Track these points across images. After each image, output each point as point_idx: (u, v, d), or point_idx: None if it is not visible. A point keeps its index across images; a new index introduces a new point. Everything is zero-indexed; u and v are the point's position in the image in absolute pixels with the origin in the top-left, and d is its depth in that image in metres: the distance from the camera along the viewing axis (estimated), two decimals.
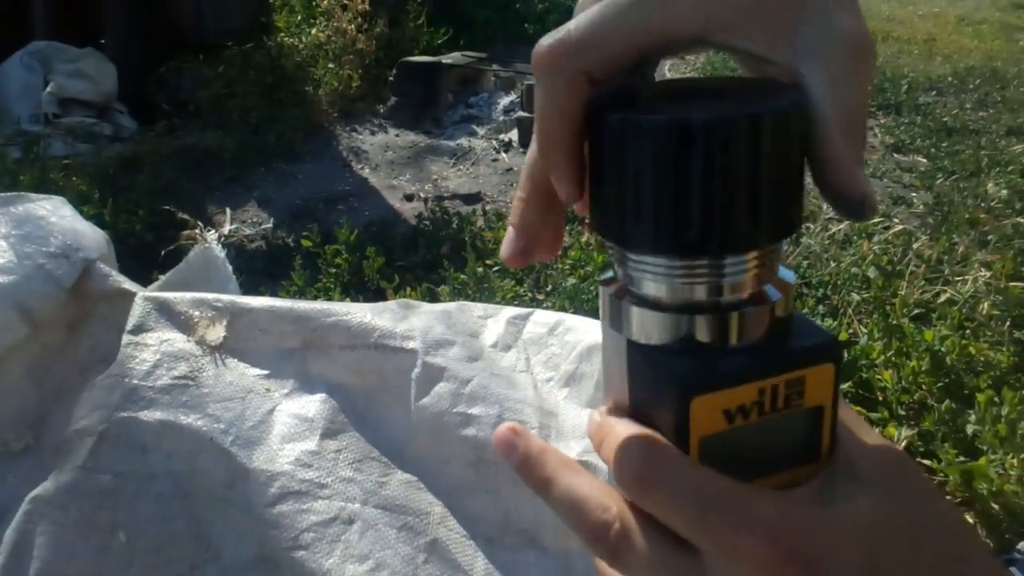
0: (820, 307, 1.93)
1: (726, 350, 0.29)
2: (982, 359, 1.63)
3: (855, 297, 1.92)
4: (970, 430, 1.43)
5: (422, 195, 2.96)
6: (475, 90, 3.94)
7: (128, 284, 0.87)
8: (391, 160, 3.33)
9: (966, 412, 1.46)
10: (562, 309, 1.71)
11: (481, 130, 3.62)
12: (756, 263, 0.28)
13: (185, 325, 0.84)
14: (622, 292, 0.31)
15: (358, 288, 2.08)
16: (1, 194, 0.90)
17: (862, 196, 0.28)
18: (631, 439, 0.30)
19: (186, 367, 0.81)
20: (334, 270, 2.13)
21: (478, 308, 0.93)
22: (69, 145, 2.97)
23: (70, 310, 0.86)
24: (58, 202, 0.92)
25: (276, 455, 0.78)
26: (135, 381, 0.79)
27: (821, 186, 0.29)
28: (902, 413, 1.56)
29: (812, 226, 2.31)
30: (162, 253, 1.42)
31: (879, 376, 1.61)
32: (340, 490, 0.77)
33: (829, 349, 0.29)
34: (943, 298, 1.89)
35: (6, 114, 3.05)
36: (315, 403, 0.81)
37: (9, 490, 0.78)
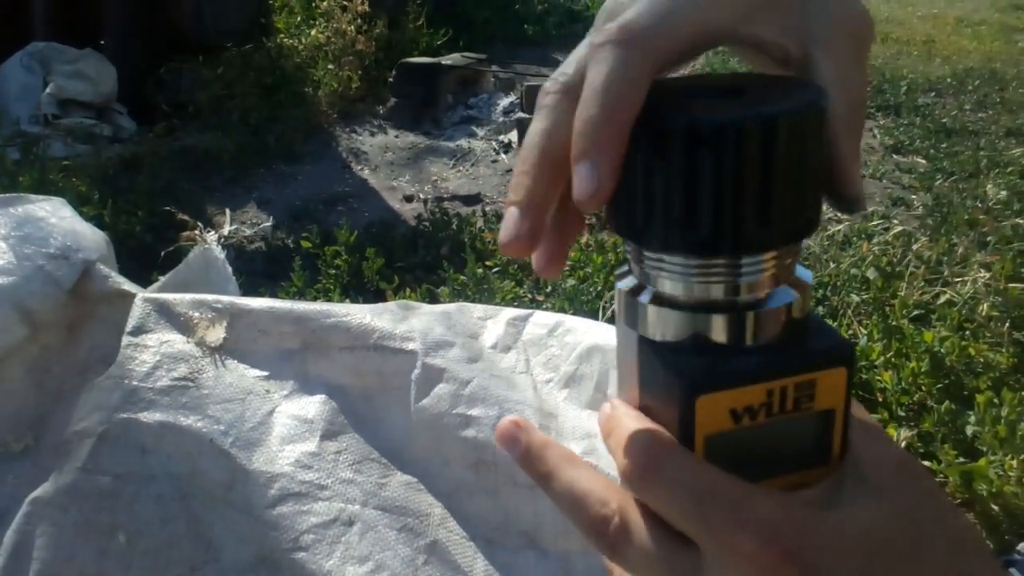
0: (820, 308, 1.93)
1: (738, 350, 0.29)
2: (982, 360, 1.63)
3: (855, 298, 1.92)
4: (970, 431, 1.43)
5: (422, 196, 2.96)
6: (475, 91, 3.94)
7: (128, 285, 0.87)
8: (391, 161, 3.33)
9: (966, 413, 1.46)
10: (562, 310, 1.71)
11: (481, 131, 3.62)
12: (774, 263, 0.28)
13: (185, 326, 0.84)
14: (637, 289, 0.31)
15: (358, 289, 2.08)
16: (1, 195, 0.90)
17: (857, 194, 0.30)
18: (636, 432, 0.30)
19: (186, 368, 0.81)
20: (334, 271, 2.13)
21: (478, 309, 0.93)
22: (68, 146, 2.97)
23: (70, 311, 0.86)
24: (58, 203, 0.92)
25: (276, 456, 0.78)
26: (135, 382, 0.79)
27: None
28: (902, 414, 1.56)
29: None
30: (162, 254, 1.42)
31: (879, 377, 1.61)
32: (340, 491, 0.77)
33: (842, 353, 0.29)
34: (942, 299, 1.89)
35: (5, 115, 3.06)
36: (315, 404, 0.81)
37: (9, 491, 0.78)
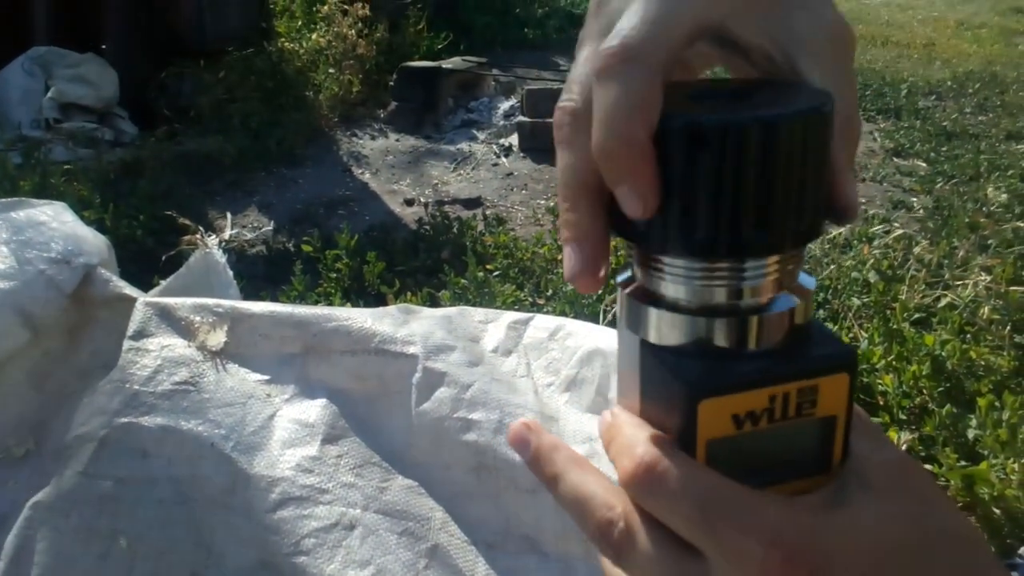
0: (821, 311, 1.93)
1: (740, 354, 0.29)
2: (983, 363, 1.63)
3: (855, 301, 1.92)
4: (971, 435, 1.43)
5: (422, 200, 2.96)
6: (475, 95, 3.95)
7: (129, 289, 0.87)
8: (391, 165, 3.33)
9: (967, 416, 1.46)
10: (562, 314, 1.70)
11: (481, 135, 3.62)
12: (777, 267, 0.28)
13: (186, 330, 0.84)
14: (639, 293, 0.31)
15: (359, 293, 2.08)
16: (2, 200, 0.90)
17: (847, 203, 0.29)
18: (637, 440, 0.29)
19: (187, 372, 0.81)
20: (334, 275, 2.13)
21: (479, 313, 0.93)
22: (70, 150, 2.97)
23: (71, 316, 0.86)
24: (59, 208, 0.92)
25: (277, 461, 0.78)
26: (136, 387, 0.79)
27: None
28: (903, 418, 1.56)
29: None
30: (163, 258, 1.43)
31: (880, 381, 1.61)
32: (341, 495, 0.77)
33: (844, 359, 0.29)
34: (943, 302, 1.89)
35: (7, 119, 3.06)
36: (316, 408, 0.81)
37: (10, 496, 0.78)
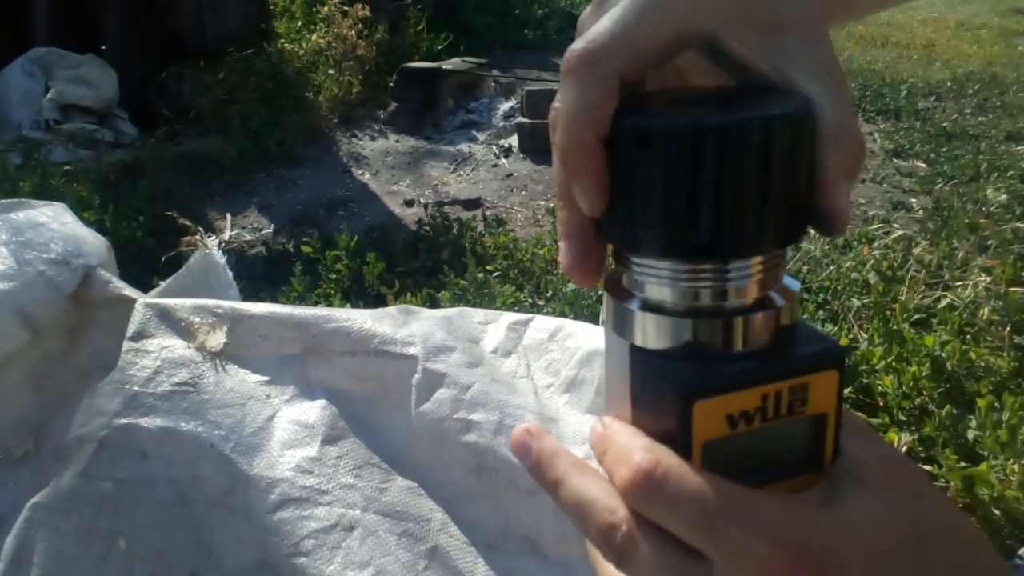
0: (820, 312, 1.93)
1: (730, 355, 0.29)
2: (983, 364, 1.63)
3: (855, 302, 1.92)
4: (971, 435, 1.43)
5: (422, 200, 2.96)
6: (475, 96, 3.95)
7: (128, 290, 0.87)
8: (391, 165, 3.33)
9: (967, 417, 1.46)
10: (562, 315, 1.70)
11: (481, 135, 3.62)
12: (761, 268, 0.29)
13: (185, 331, 0.84)
14: (627, 297, 0.31)
15: (358, 294, 2.08)
16: (2, 200, 0.90)
17: (831, 212, 0.28)
18: (633, 447, 0.29)
19: (186, 373, 0.81)
20: (334, 276, 2.13)
21: (478, 314, 0.93)
22: (70, 151, 2.97)
23: (71, 316, 0.86)
24: (59, 208, 0.92)
25: (277, 461, 0.78)
26: (135, 387, 0.79)
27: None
28: (903, 419, 1.56)
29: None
30: (163, 259, 1.43)
31: (880, 382, 1.61)
32: (341, 496, 0.77)
33: (833, 356, 0.29)
34: (943, 303, 1.89)
35: (7, 120, 3.06)
36: (315, 409, 0.81)
37: (10, 497, 0.78)
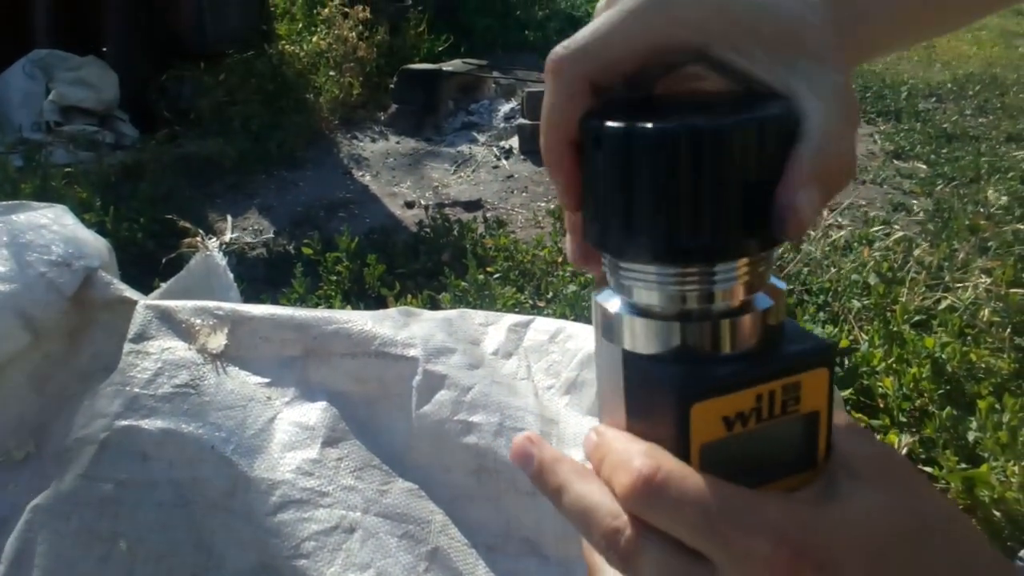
0: (821, 314, 1.93)
1: (721, 357, 0.29)
2: (983, 366, 1.63)
3: (856, 304, 1.92)
4: (971, 437, 1.43)
5: (423, 202, 2.96)
6: (476, 97, 3.95)
7: (129, 292, 0.88)
8: (392, 167, 3.33)
9: (967, 419, 1.46)
10: (563, 316, 1.71)
11: (482, 137, 3.62)
12: (745, 271, 0.29)
13: (186, 333, 0.84)
14: (614, 301, 0.31)
15: (359, 296, 2.08)
16: (3, 203, 0.91)
17: (786, 207, 0.27)
18: (631, 453, 0.29)
19: (187, 375, 0.81)
20: (335, 277, 2.13)
21: (479, 316, 0.93)
22: (71, 153, 2.97)
23: (71, 318, 0.86)
24: (60, 211, 0.93)
25: (277, 463, 0.78)
26: (136, 389, 0.80)
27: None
28: (903, 420, 1.56)
29: (813, 232, 2.31)
30: (163, 261, 1.43)
31: (880, 383, 1.61)
32: (341, 498, 0.77)
33: (823, 354, 0.30)
34: (944, 305, 1.89)
35: (8, 122, 3.06)
36: (316, 411, 0.81)
37: (10, 499, 0.78)
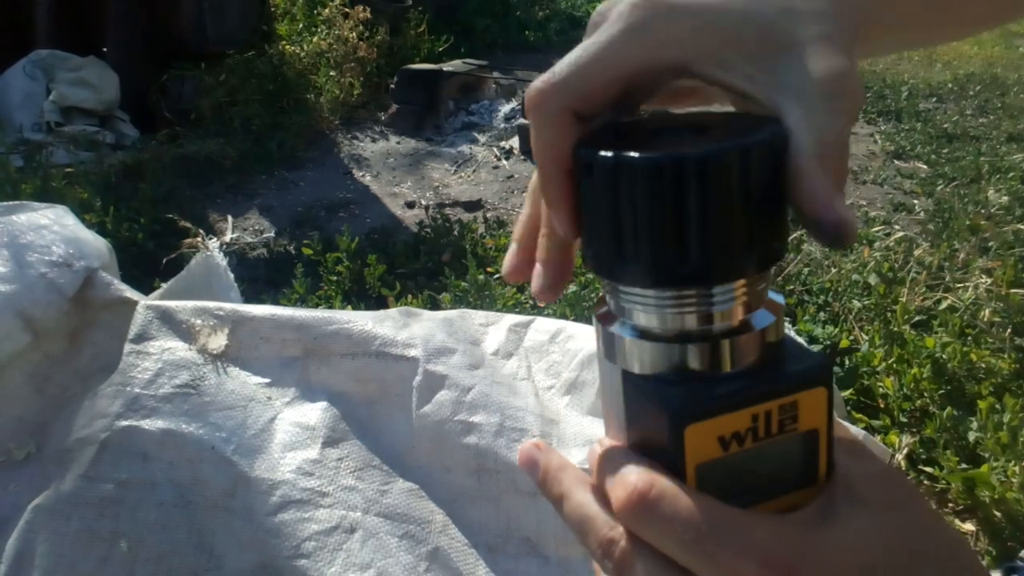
0: (821, 314, 1.93)
1: (718, 377, 0.29)
2: (983, 366, 1.63)
3: (856, 304, 1.92)
4: (972, 437, 1.43)
5: (423, 202, 2.96)
6: (476, 97, 3.95)
7: (130, 292, 0.88)
8: (392, 167, 3.33)
9: (968, 419, 1.46)
10: (563, 317, 1.71)
11: (482, 137, 3.62)
12: (743, 291, 0.29)
13: (187, 334, 0.84)
14: (614, 323, 0.31)
15: (359, 296, 2.08)
16: (3, 203, 0.91)
17: (837, 222, 0.28)
18: (628, 470, 0.30)
19: (188, 375, 0.81)
20: (335, 278, 2.13)
21: (479, 316, 0.93)
22: (71, 153, 2.97)
23: (72, 319, 0.86)
24: (60, 211, 0.93)
25: (278, 464, 0.78)
26: (137, 390, 0.80)
27: (799, 216, 0.29)
28: (904, 420, 1.56)
29: None
30: (164, 261, 1.43)
31: (880, 383, 1.61)
32: (341, 498, 0.77)
33: (820, 373, 0.30)
34: (944, 305, 1.89)
35: (9, 122, 3.07)
36: (316, 411, 0.81)
37: (11, 499, 0.79)
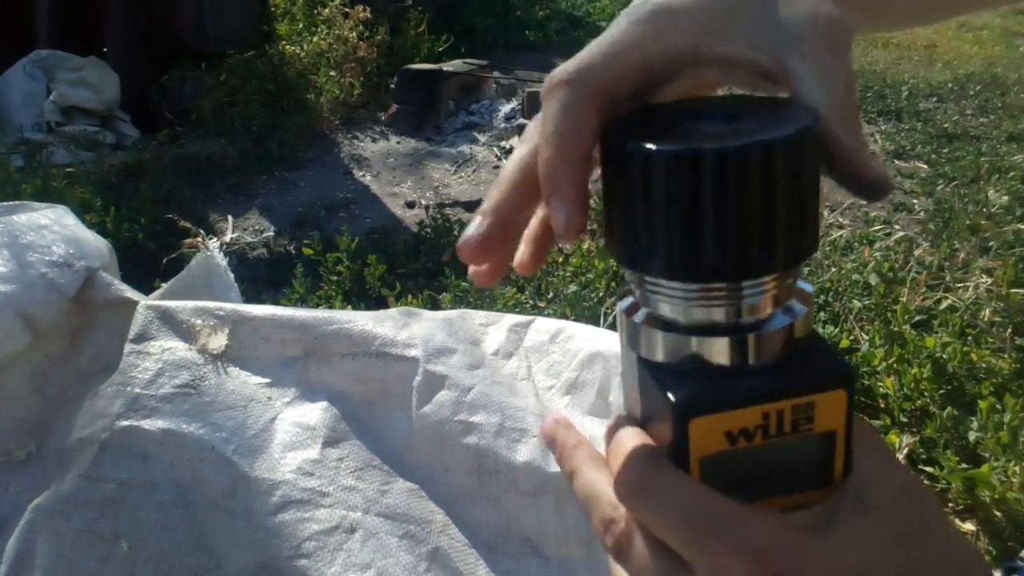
0: (821, 314, 1.93)
1: (736, 371, 0.29)
2: (984, 366, 1.63)
3: (856, 304, 1.92)
4: (972, 437, 1.43)
5: (423, 202, 2.96)
6: (476, 97, 3.95)
7: (130, 292, 0.88)
8: (392, 167, 3.33)
9: (968, 419, 1.46)
10: (563, 317, 1.71)
11: (482, 137, 3.62)
12: (773, 285, 0.28)
13: (187, 334, 0.84)
14: (636, 311, 0.31)
15: (360, 296, 2.09)
16: (4, 203, 0.91)
17: (875, 179, 0.29)
18: (633, 450, 0.30)
19: (188, 376, 0.81)
20: (335, 278, 2.13)
21: (480, 316, 0.93)
22: (72, 153, 2.97)
23: (72, 319, 0.86)
24: (61, 211, 0.93)
25: (278, 464, 0.78)
26: (137, 390, 0.80)
27: (837, 179, 0.30)
28: (904, 420, 1.56)
29: None
30: (164, 261, 1.43)
31: (881, 383, 1.61)
32: (342, 499, 0.77)
33: (841, 376, 0.29)
34: (944, 305, 1.89)
35: (9, 122, 3.07)
36: (317, 411, 0.81)
37: (11, 499, 0.79)
